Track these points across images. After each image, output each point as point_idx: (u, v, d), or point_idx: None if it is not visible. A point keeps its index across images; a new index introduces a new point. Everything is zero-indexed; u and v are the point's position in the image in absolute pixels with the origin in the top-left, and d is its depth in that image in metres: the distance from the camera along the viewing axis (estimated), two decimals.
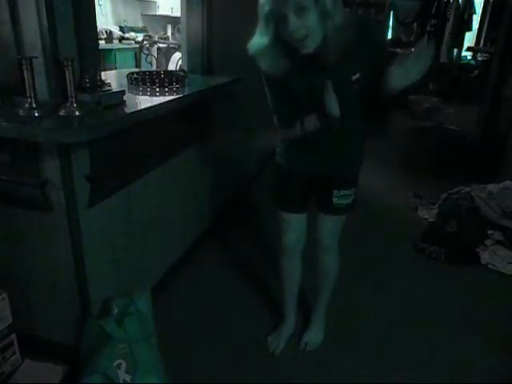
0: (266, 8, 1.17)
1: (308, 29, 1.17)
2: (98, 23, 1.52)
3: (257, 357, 1.73)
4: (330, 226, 1.61)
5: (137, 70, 2.47)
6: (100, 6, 5.38)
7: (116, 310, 1.48)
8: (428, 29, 7.49)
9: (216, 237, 2.59)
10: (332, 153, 1.46)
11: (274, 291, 2.06)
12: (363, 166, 1.58)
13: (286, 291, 1.81)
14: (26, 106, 1.22)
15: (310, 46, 1.20)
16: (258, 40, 1.25)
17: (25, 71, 1.18)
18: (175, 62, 3.65)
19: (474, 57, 7.80)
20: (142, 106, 1.54)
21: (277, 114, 1.45)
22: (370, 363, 1.72)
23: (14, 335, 1.51)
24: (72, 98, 1.24)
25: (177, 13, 5.49)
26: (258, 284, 2.18)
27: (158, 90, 1.82)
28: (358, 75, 1.28)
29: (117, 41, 5.46)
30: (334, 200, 1.52)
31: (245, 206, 3.11)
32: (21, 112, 1.22)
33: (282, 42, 1.22)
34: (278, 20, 1.17)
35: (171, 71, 2.35)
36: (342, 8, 1.21)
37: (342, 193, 1.51)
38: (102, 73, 1.62)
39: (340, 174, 1.52)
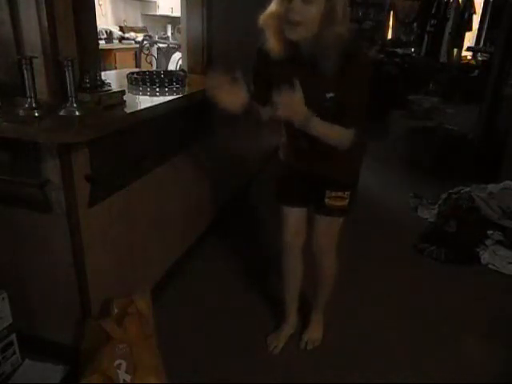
0: None
1: (304, 17, 1.18)
2: (97, 23, 1.51)
3: (257, 357, 1.73)
4: (324, 227, 1.61)
5: (137, 70, 2.47)
6: (100, 5, 5.37)
7: (116, 310, 1.48)
8: (428, 29, 7.49)
9: (216, 236, 2.59)
10: (319, 154, 1.43)
11: (274, 291, 2.06)
12: (363, 166, 1.58)
13: (286, 289, 1.81)
14: (26, 105, 1.22)
15: (296, 34, 1.21)
16: (269, 12, 1.26)
17: (25, 71, 1.18)
18: (175, 62, 3.65)
19: (474, 57, 7.79)
20: (142, 106, 1.54)
21: (253, 93, 1.44)
22: (370, 363, 1.72)
23: (13, 335, 1.51)
24: (72, 97, 1.24)
25: (177, 13, 5.49)
26: (258, 284, 2.18)
27: (158, 90, 1.82)
28: (331, 94, 1.29)
29: (117, 41, 5.46)
30: (326, 201, 1.52)
31: (245, 205, 3.11)
32: (21, 112, 1.22)
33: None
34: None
35: (171, 71, 2.35)
36: (348, 21, 1.22)
37: (333, 194, 1.51)
38: (102, 73, 1.62)
39: (329, 176, 1.51)
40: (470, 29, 7.39)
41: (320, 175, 1.52)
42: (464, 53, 7.71)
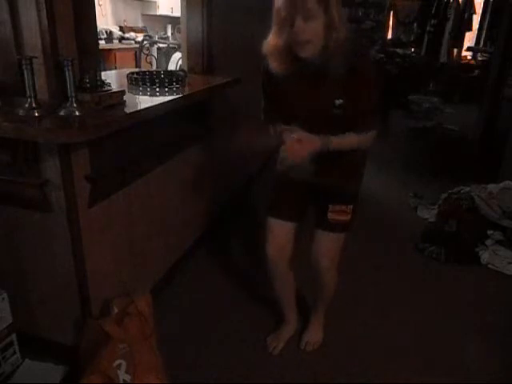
0: (282, 13, 1.23)
1: (311, 35, 1.22)
2: (97, 23, 1.51)
3: (257, 357, 1.73)
4: (326, 243, 1.56)
5: (137, 69, 2.47)
6: (100, 6, 5.37)
7: (116, 310, 1.48)
8: (428, 29, 7.49)
9: (216, 236, 2.59)
10: (322, 166, 1.40)
11: (274, 291, 2.05)
12: None
13: (279, 298, 1.79)
14: (26, 105, 1.22)
15: (307, 51, 1.26)
16: (273, 41, 1.31)
17: (25, 71, 1.18)
18: (175, 62, 3.64)
19: (473, 57, 7.79)
20: (142, 106, 1.54)
21: (263, 107, 1.52)
22: (370, 364, 1.72)
23: (13, 335, 1.51)
24: (72, 97, 1.24)
25: (177, 13, 5.49)
26: (258, 284, 2.18)
27: (157, 90, 1.82)
28: (341, 101, 1.31)
29: (117, 41, 5.46)
30: (329, 215, 1.49)
31: (245, 205, 3.11)
32: (21, 112, 1.22)
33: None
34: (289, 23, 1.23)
35: (171, 71, 2.35)
36: (346, 26, 1.27)
37: (337, 208, 1.49)
38: (102, 73, 1.62)
39: (332, 186, 1.49)
40: (470, 29, 7.38)
41: (322, 186, 1.50)
42: (464, 53, 7.71)
